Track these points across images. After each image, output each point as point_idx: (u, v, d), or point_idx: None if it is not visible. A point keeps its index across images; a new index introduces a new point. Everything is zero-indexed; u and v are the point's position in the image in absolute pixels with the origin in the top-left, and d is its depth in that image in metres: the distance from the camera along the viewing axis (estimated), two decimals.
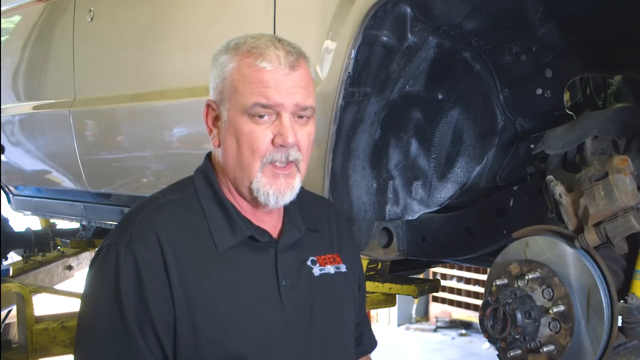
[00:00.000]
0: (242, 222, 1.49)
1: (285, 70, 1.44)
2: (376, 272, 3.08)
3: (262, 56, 1.44)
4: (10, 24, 3.96)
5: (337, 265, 1.61)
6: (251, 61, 1.44)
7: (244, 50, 1.46)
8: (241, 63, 1.45)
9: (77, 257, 4.42)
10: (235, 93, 1.45)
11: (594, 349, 1.51)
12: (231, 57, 1.47)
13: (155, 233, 1.42)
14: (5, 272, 3.53)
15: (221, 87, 1.47)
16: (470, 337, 7.89)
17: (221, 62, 1.48)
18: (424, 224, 2.34)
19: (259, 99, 1.43)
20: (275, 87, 1.43)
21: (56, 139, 3.55)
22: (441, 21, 2.03)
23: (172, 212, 1.47)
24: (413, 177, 2.32)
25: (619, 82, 2.24)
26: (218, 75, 1.48)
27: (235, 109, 1.45)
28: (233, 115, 1.45)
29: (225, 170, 1.51)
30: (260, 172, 1.45)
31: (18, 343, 2.94)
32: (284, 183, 1.47)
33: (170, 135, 2.86)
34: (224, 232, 1.47)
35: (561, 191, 1.61)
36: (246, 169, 1.46)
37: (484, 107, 2.24)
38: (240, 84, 1.44)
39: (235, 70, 1.45)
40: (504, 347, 1.54)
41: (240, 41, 1.48)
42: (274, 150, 1.45)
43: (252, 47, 1.45)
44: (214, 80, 1.50)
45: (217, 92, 1.49)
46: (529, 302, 1.54)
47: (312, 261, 1.57)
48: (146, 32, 2.92)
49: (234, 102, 1.45)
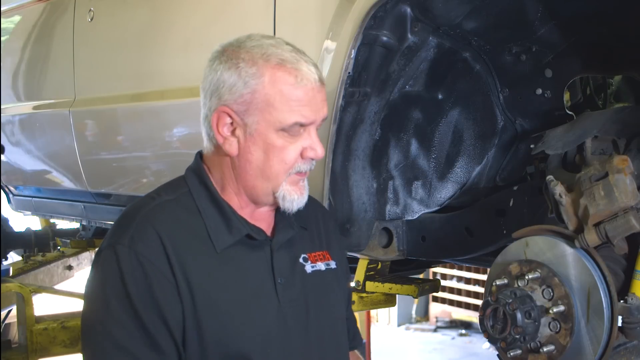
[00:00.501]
0: (238, 221, 1.50)
1: (318, 87, 1.45)
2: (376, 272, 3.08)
3: (298, 73, 1.42)
4: (10, 24, 3.96)
5: (327, 262, 1.63)
6: (288, 78, 1.42)
7: (275, 62, 1.42)
8: (276, 76, 1.42)
9: (77, 257, 4.42)
10: (270, 108, 1.42)
11: (594, 349, 1.51)
12: (261, 69, 1.42)
13: (157, 232, 1.42)
14: (5, 272, 3.53)
15: (249, 98, 1.42)
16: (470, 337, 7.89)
17: (248, 72, 1.42)
18: (424, 224, 2.34)
19: (299, 118, 1.43)
20: (312, 105, 1.44)
21: (56, 139, 3.55)
22: (441, 21, 2.03)
23: (170, 212, 1.47)
24: (413, 177, 2.32)
25: (619, 82, 2.24)
26: (243, 85, 1.42)
27: (268, 123, 1.43)
28: (265, 129, 1.43)
29: (240, 176, 1.49)
30: (285, 181, 1.48)
31: (18, 343, 2.94)
32: (304, 187, 1.52)
33: (170, 135, 2.86)
34: (221, 232, 1.48)
35: (561, 191, 1.61)
36: (273, 179, 1.47)
37: (484, 107, 2.24)
38: (277, 99, 1.42)
39: (269, 84, 1.41)
40: (504, 347, 1.54)
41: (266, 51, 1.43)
42: (302, 162, 1.47)
43: (282, 59, 1.43)
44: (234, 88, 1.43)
45: (242, 102, 1.43)
46: (529, 302, 1.54)
47: (304, 258, 1.59)
48: (146, 32, 2.92)
49: (267, 116, 1.43)
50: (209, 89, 1.47)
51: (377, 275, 3.08)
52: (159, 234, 1.41)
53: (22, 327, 2.90)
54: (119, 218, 1.50)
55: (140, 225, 1.43)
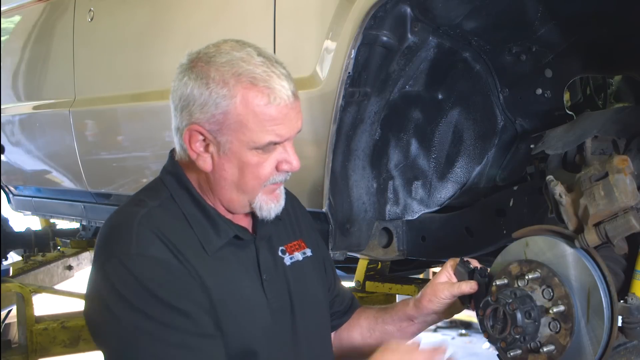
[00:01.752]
0: (224, 223, 1.50)
1: (291, 103, 1.43)
2: (376, 272, 3.08)
3: (271, 92, 1.39)
4: (10, 24, 3.96)
5: (304, 251, 1.65)
6: (261, 98, 1.39)
7: (246, 82, 1.39)
8: (248, 97, 1.39)
9: (77, 257, 4.42)
10: (243, 128, 1.41)
11: (594, 349, 1.51)
12: (232, 90, 1.39)
13: (157, 236, 1.41)
14: (5, 272, 3.53)
15: (221, 118, 1.40)
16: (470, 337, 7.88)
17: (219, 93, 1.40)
18: (424, 224, 2.34)
19: (273, 138, 1.42)
20: (286, 122, 1.43)
21: (56, 139, 3.55)
22: (441, 21, 2.03)
23: (160, 219, 1.45)
24: (413, 177, 2.32)
25: (619, 82, 2.24)
26: (214, 105, 1.40)
27: (242, 143, 1.42)
28: (239, 148, 1.42)
29: (215, 190, 1.49)
30: (261, 192, 1.48)
31: (18, 343, 2.95)
32: (280, 195, 1.52)
33: (170, 135, 2.83)
34: (210, 235, 1.48)
35: (561, 191, 1.61)
36: (249, 193, 1.48)
37: (484, 107, 2.24)
38: (250, 120, 1.40)
39: (241, 105, 1.39)
40: (504, 347, 1.54)
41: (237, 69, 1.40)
42: (277, 174, 1.48)
43: (254, 77, 1.39)
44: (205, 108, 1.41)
45: (214, 122, 1.41)
46: (529, 302, 1.54)
47: (282, 251, 1.61)
48: (146, 32, 2.92)
49: (241, 136, 1.41)
50: (179, 104, 1.47)
51: (377, 275, 3.08)
52: (160, 237, 1.41)
53: (22, 327, 2.91)
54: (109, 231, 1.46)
55: (140, 233, 1.41)
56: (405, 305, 1.72)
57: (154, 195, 1.51)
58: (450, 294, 1.65)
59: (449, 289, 1.65)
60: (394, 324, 1.75)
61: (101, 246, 1.46)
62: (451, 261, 1.70)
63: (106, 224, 1.49)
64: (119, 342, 1.38)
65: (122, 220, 1.47)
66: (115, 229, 1.46)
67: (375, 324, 1.78)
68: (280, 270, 1.57)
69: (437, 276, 1.69)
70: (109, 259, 1.40)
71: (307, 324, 1.59)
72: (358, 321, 1.81)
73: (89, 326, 1.47)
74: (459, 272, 1.67)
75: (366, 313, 1.82)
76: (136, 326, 1.35)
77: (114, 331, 1.39)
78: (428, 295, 1.67)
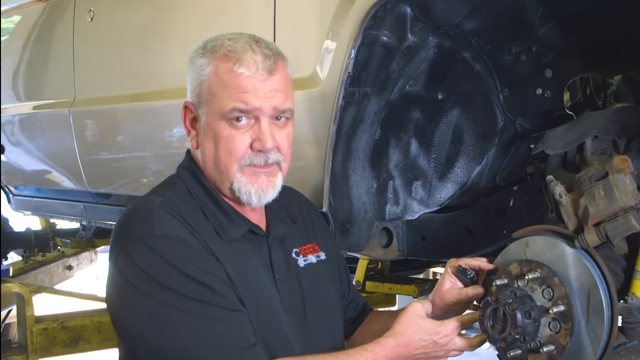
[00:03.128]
0: (238, 217, 1.52)
1: (263, 76, 1.45)
2: (376, 272, 3.08)
3: (239, 61, 1.44)
4: (10, 24, 3.96)
5: (317, 254, 1.66)
6: (229, 66, 1.44)
7: (220, 53, 1.45)
8: (218, 67, 1.45)
9: (77, 257, 4.43)
10: (213, 97, 1.45)
11: (594, 349, 1.51)
12: (208, 61, 1.46)
13: (178, 219, 1.42)
14: (5, 272, 3.53)
15: (198, 90, 1.47)
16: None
17: (198, 65, 1.48)
18: (424, 224, 2.34)
19: (237, 104, 1.43)
20: (253, 92, 1.44)
21: (56, 139, 3.55)
22: (441, 21, 2.03)
23: (179, 206, 1.47)
24: (413, 177, 2.32)
25: (619, 82, 2.25)
26: (195, 78, 1.48)
27: (213, 113, 1.46)
28: (211, 120, 1.46)
29: (206, 172, 1.52)
30: (239, 173, 1.47)
31: (18, 343, 2.95)
32: (266, 181, 1.50)
33: (170, 135, 2.86)
34: (226, 226, 1.50)
35: (561, 191, 1.61)
36: (224, 172, 1.48)
37: (484, 107, 2.24)
38: (218, 88, 1.44)
39: (212, 75, 1.45)
40: (504, 347, 1.54)
41: (217, 43, 1.47)
42: (252, 154, 1.47)
43: (229, 50, 1.45)
44: (191, 82, 1.50)
45: (195, 94, 1.49)
46: (529, 302, 1.54)
47: (295, 253, 1.62)
48: (146, 32, 2.92)
49: (212, 106, 1.46)
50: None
51: (377, 275, 3.08)
52: (180, 220, 1.42)
53: (22, 327, 2.91)
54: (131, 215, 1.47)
55: (162, 215, 1.42)
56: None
57: (171, 188, 1.53)
58: (457, 300, 1.65)
59: (455, 295, 1.65)
60: None
61: (120, 231, 1.46)
62: (450, 266, 1.69)
63: (124, 213, 1.50)
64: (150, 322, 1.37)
65: (141, 206, 1.49)
66: (135, 214, 1.47)
67: (387, 328, 1.77)
68: (293, 272, 1.58)
69: (441, 283, 1.68)
70: (130, 241, 1.41)
71: (319, 327, 1.59)
72: (370, 326, 1.80)
73: (111, 312, 1.46)
74: (460, 278, 1.67)
75: (378, 318, 1.81)
76: (168, 303, 1.35)
77: (144, 312, 1.38)
78: (437, 303, 1.66)
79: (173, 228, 1.41)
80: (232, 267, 1.44)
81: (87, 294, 3.53)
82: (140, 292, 1.37)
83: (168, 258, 1.37)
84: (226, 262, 1.44)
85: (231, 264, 1.44)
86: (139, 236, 1.40)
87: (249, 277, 1.47)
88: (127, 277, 1.39)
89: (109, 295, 1.45)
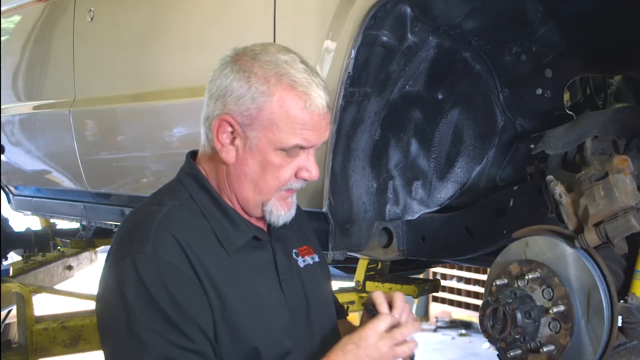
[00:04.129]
0: (244, 223, 1.52)
1: (324, 113, 1.46)
2: (376, 272, 3.08)
3: (308, 98, 1.43)
4: (10, 24, 3.96)
5: (312, 256, 1.68)
6: (297, 101, 1.43)
7: (286, 83, 1.43)
8: (285, 98, 1.43)
9: (77, 257, 4.42)
10: (274, 127, 1.44)
11: (594, 349, 1.51)
12: (271, 88, 1.43)
13: (175, 239, 1.41)
14: (5, 272, 3.53)
15: (255, 113, 1.44)
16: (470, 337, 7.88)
17: (258, 88, 1.43)
18: (424, 224, 2.34)
19: (300, 142, 1.45)
20: (315, 129, 1.45)
21: (56, 139, 3.55)
22: (441, 21, 2.03)
23: (181, 218, 1.46)
24: (413, 177, 2.32)
25: (619, 82, 2.24)
26: (251, 99, 1.43)
27: (269, 141, 1.44)
28: (266, 147, 1.45)
29: (234, 184, 1.50)
30: (275, 197, 1.50)
31: (18, 343, 2.94)
32: (291, 204, 1.54)
33: (170, 135, 2.86)
34: (230, 236, 1.49)
35: (561, 191, 1.61)
36: (265, 194, 1.49)
37: (484, 107, 2.24)
38: (282, 120, 1.43)
39: (277, 104, 1.43)
40: (504, 347, 1.54)
41: (280, 70, 1.44)
42: (294, 180, 1.49)
43: (294, 81, 1.43)
44: (241, 101, 1.44)
45: (247, 115, 1.44)
46: (529, 302, 1.54)
47: (295, 253, 1.63)
48: (146, 32, 2.92)
49: (270, 135, 1.44)
50: (216, 92, 1.47)
51: (377, 275, 3.08)
52: (177, 239, 1.41)
53: (22, 327, 2.90)
54: (128, 229, 1.48)
55: (158, 233, 1.42)
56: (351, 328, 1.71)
57: (173, 195, 1.52)
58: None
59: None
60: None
61: (118, 244, 1.46)
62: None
63: (125, 223, 1.50)
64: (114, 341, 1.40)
65: (141, 219, 1.48)
66: (134, 229, 1.46)
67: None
68: (295, 271, 1.60)
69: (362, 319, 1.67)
70: (123, 258, 1.41)
71: (323, 325, 1.61)
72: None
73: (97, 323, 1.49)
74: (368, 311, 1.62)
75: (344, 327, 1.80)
76: (129, 327, 1.36)
77: (112, 330, 1.40)
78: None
79: (167, 250, 1.40)
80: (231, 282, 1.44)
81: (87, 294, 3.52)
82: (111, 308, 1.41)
83: (145, 281, 1.37)
84: (225, 280, 1.44)
85: (230, 280, 1.45)
86: (132, 253, 1.41)
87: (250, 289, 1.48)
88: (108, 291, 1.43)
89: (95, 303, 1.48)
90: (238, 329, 1.44)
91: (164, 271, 1.38)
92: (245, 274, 1.49)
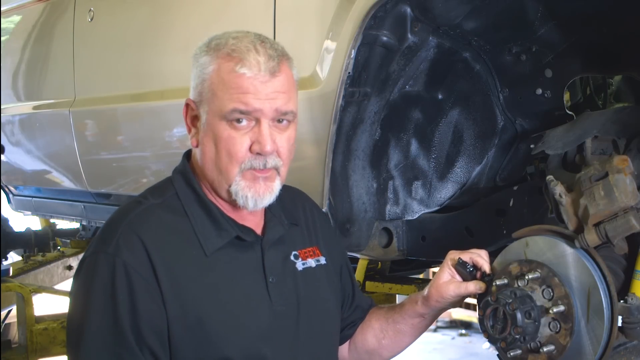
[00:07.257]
0: (227, 222, 1.49)
1: (265, 77, 1.42)
2: (376, 272, 3.08)
3: (242, 61, 1.42)
4: (10, 24, 3.96)
5: (318, 258, 1.64)
6: (231, 66, 1.42)
7: (224, 52, 1.43)
8: (221, 66, 1.43)
9: (77, 257, 4.42)
10: (214, 97, 1.44)
11: (594, 349, 1.51)
12: (211, 59, 1.45)
13: (141, 240, 1.41)
14: (5, 272, 3.53)
15: (200, 88, 1.46)
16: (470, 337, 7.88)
17: (201, 62, 1.46)
18: (424, 224, 2.34)
19: (237, 105, 1.41)
20: (255, 93, 1.42)
21: (56, 139, 3.55)
22: (441, 21, 2.03)
23: (157, 217, 1.46)
24: (413, 177, 2.32)
25: (619, 82, 2.25)
26: (198, 76, 1.46)
27: (213, 112, 1.44)
28: (212, 119, 1.44)
29: (204, 171, 1.50)
30: (239, 176, 1.45)
31: (18, 343, 2.95)
32: (263, 186, 1.47)
33: (170, 135, 2.86)
34: (210, 235, 1.47)
35: (561, 191, 1.61)
36: (224, 173, 1.46)
37: (484, 107, 2.24)
38: (219, 88, 1.43)
39: (214, 74, 1.44)
40: (504, 347, 1.54)
41: (221, 42, 1.45)
42: (252, 157, 1.44)
43: (233, 49, 1.43)
44: (194, 80, 1.48)
45: (197, 92, 1.47)
46: (529, 302, 1.54)
47: (294, 256, 1.59)
48: (146, 32, 2.92)
49: (212, 105, 1.44)
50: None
51: (377, 275, 3.08)
52: (144, 241, 1.41)
53: (22, 327, 2.91)
54: (106, 224, 1.49)
55: (125, 233, 1.42)
56: (414, 303, 1.70)
57: (159, 193, 1.52)
58: (457, 294, 1.64)
59: (455, 289, 1.63)
60: (405, 323, 1.73)
61: (95, 238, 1.49)
62: (450, 258, 1.68)
63: (109, 217, 1.52)
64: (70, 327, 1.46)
65: (117, 216, 1.49)
66: (106, 226, 1.48)
67: (387, 324, 1.76)
68: (289, 274, 1.56)
69: (440, 275, 1.66)
70: (91, 253, 1.44)
71: (312, 332, 1.57)
72: (370, 323, 1.78)
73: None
74: (460, 271, 1.66)
75: (376, 314, 1.80)
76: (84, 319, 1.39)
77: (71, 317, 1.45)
78: (434, 296, 1.65)
79: (127, 251, 1.40)
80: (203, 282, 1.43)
81: None
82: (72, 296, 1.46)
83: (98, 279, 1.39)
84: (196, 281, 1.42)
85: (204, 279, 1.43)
86: (96, 250, 1.43)
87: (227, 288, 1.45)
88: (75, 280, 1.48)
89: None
90: (205, 337, 1.41)
91: (122, 272, 1.38)
92: (222, 275, 1.46)
